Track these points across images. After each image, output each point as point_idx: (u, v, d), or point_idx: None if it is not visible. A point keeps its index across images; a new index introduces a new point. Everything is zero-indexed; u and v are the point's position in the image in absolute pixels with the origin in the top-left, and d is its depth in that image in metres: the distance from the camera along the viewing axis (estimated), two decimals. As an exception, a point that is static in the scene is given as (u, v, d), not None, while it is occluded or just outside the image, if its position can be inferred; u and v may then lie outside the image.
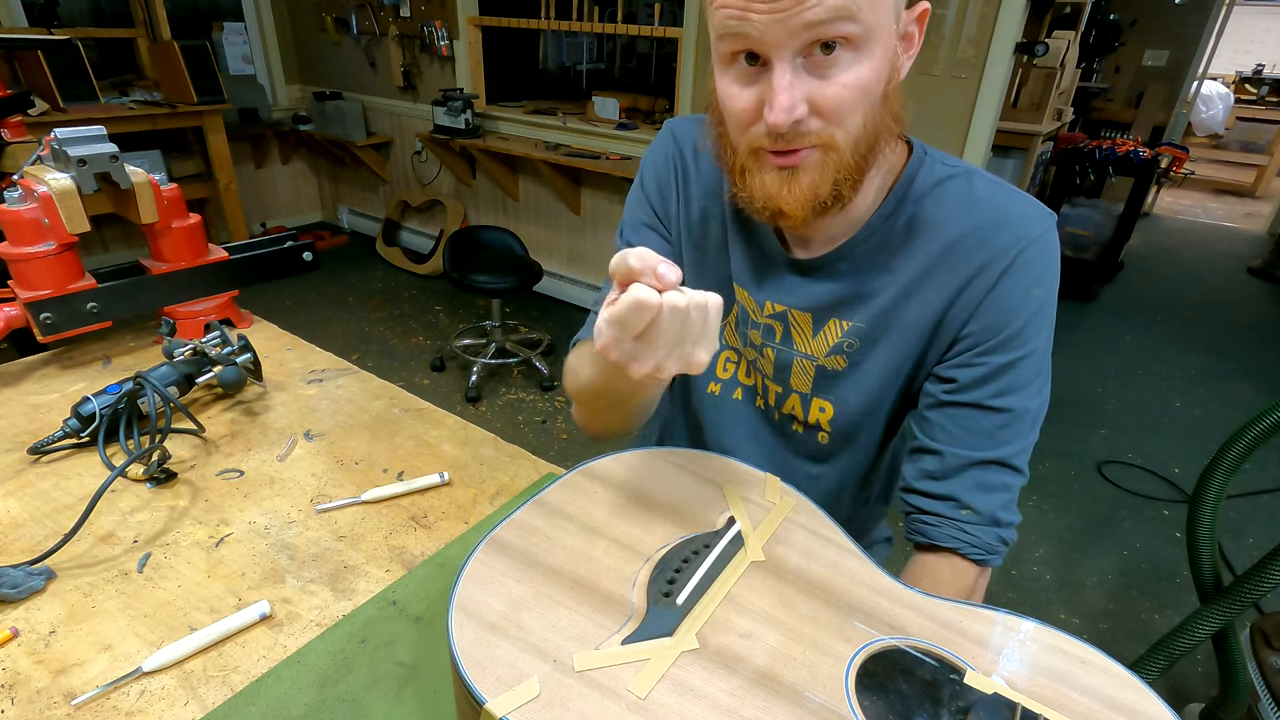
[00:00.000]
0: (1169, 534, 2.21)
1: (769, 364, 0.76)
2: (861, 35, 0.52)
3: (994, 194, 0.65)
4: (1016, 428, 0.66)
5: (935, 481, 0.68)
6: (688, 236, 0.78)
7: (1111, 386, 3.08)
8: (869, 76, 0.54)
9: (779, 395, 0.77)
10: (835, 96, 0.54)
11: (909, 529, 0.71)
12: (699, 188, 0.77)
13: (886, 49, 0.55)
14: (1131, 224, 3.89)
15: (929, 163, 0.67)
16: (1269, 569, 1.08)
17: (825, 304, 0.70)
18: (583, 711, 0.42)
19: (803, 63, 0.53)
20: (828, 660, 0.46)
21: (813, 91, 0.54)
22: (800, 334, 0.72)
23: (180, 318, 1.08)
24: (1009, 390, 0.65)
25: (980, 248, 0.64)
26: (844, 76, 0.54)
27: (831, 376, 0.73)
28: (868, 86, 0.55)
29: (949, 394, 0.67)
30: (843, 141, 0.57)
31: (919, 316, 0.67)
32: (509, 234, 3.07)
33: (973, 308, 0.65)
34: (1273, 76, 7.00)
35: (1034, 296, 0.64)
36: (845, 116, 0.56)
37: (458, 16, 3.36)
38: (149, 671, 0.56)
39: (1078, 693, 0.45)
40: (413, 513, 0.77)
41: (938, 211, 0.65)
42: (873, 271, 0.68)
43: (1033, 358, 0.65)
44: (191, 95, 3.21)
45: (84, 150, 0.94)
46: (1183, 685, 1.71)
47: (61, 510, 0.73)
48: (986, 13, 2.21)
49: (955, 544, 0.66)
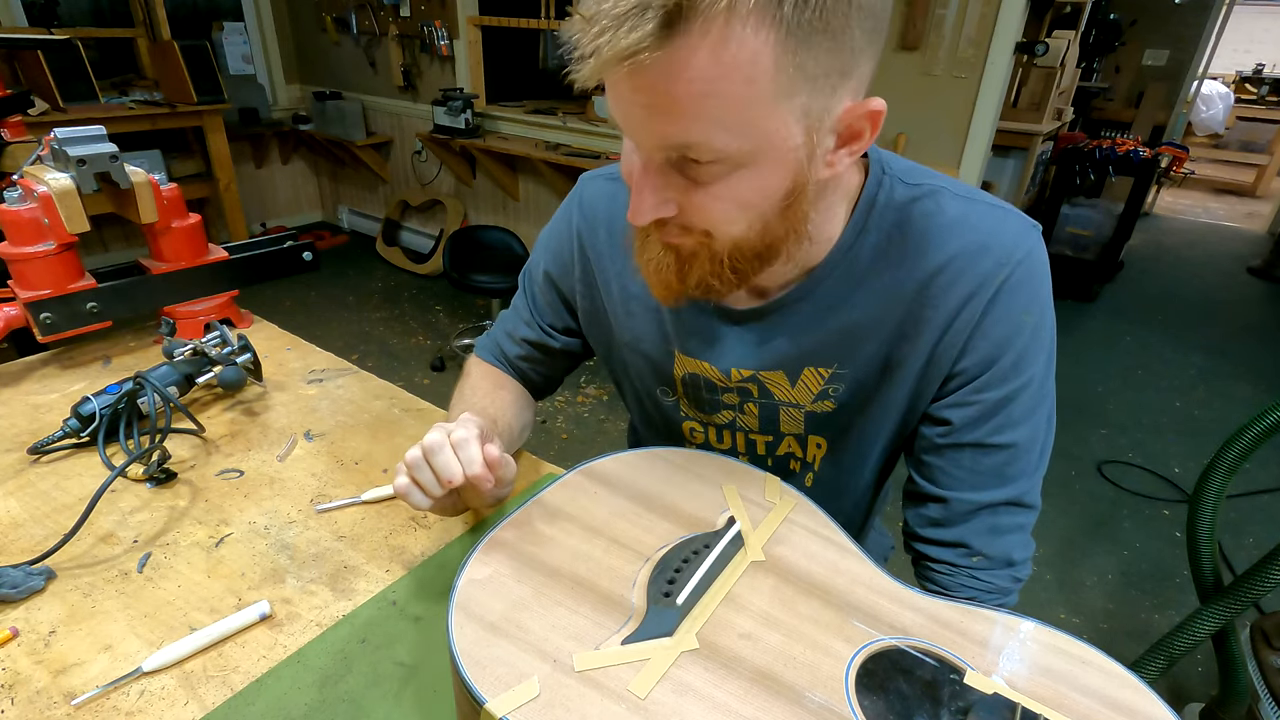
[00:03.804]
0: (1169, 534, 2.21)
1: (753, 419, 0.71)
2: (733, 158, 0.45)
3: (968, 214, 0.58)
4: (1024, 462, 0.62)
5: (942, 529, 0.64)
6: (610, 311, 0.74)
7: (1111, 386, 3.08)
8: (749, 193, 0.48)
9: (770, 444, 0.73)
10: (704, 206, 0.48)
11: (919, 576, 0.68)
12: (612, 257, 0.70)
13: (781, 164, 0.47)
14: (1131, 224, 3.88)
15: (889, 182, 0.59)
16: (1269, 569, 1.08)
17: (792, 355, 0.64)
18: (583, 712, 0.42)
19: (674, 159, 0.47)
20: (828, 660, 0.46)
21: (681, 196, 0.49)
22: (778, 387, 0.67)
23: (180, 318, 1.08)
24: (1010, 424, 0.60)
25: (961, 278, 0.57)
26: (717, 187, 0.47)
27: (822, 417, 0.68)
28: (747, 201, 0.48)
29: (945, 437, 0.63)
30: (721, 245, 0.51)
31: (905, 357, 0.61)
32: (509, 234, 3.07)
33: (960, 344, 0.59)
34: (1273, 76, 6.99)
35: (1025, 324, 0.58)
36: (719, 225, 0.50)
37: (458, 16, 3.36)
38: (149, 671, 0.56)
39: (1078, 693, 0.45)
40: (413, 513, 0.76)
41: (910, 241, 0.58)
42: (840, 311, 0.61)
43: (1031, 386, 0.60)
44: (191, 95, 3.21)
45: (84, 150, 0.94)
46: (1183, 685, 1.71)
47: (61, 510, 0.73)
48: (986, 13, 2.21)
49: (970, 593, 0.63)
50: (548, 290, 0.79)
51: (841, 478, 0.74)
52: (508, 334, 0.84)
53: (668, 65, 0.41)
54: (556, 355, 0.83)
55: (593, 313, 0.76)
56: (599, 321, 0.76)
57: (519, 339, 0.83)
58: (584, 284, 0.74)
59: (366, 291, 3.74)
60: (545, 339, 0.81)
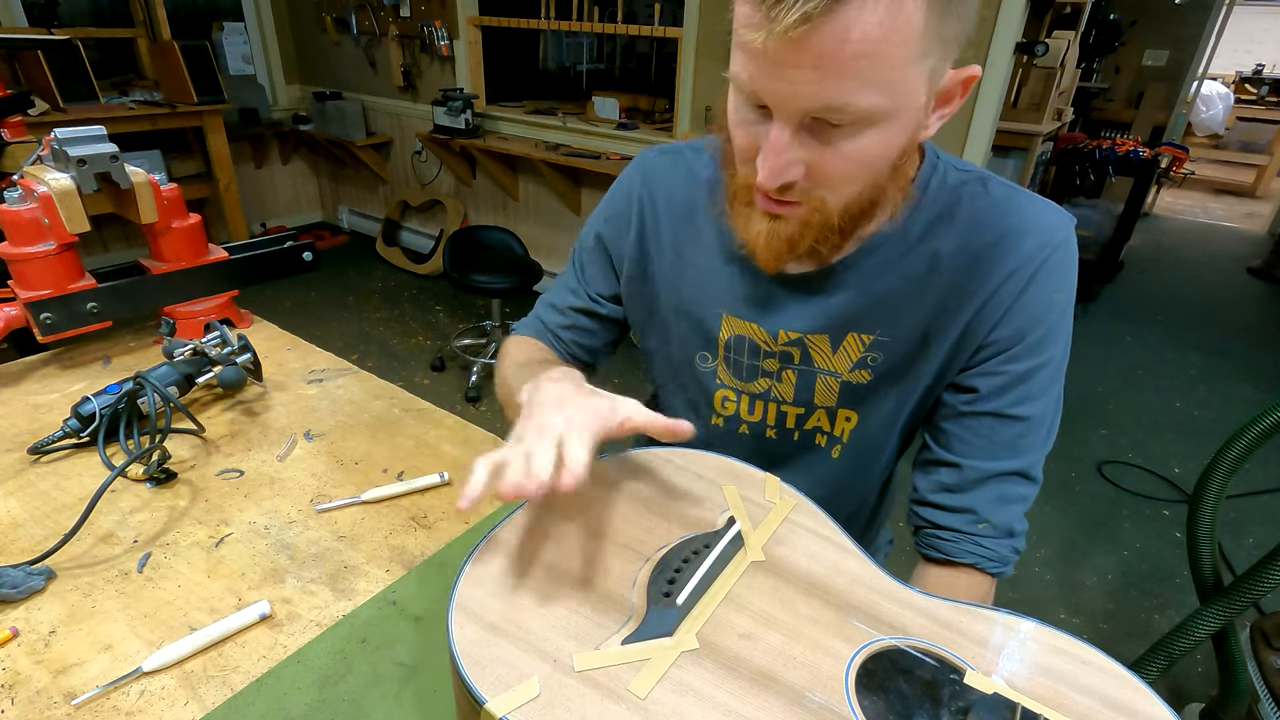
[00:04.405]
0: (1169, 534, 2.21)
1: (789, 387, 0.73)
2: (873, 116, 0.49)
3: (1012, 199, 0.63)
4: (1034, 437, 0.65)
5: (952, 494, 0.67)
6: (660, 274, 0.76)
7: (1111, 386, 3.08)
8: (877, 151, 0.51)
9: (800, 416, 0.75)
10: (833, 167, 0.52)
11: (921, 543, 0.69)
12: (671, 224, 0.74)
13: (906, 122, 0.51)
14: (1131, 224, 3.89)
15: (942, 168, 0.65)
16: (1269, 569, 1.08)
17: (839, 320, 0.67)
18: (583, 712, 0.42)
19: (806, 124, 0.50)
20: (828, 660, 0.46)
21: (811, 156, 0.51)
22: (820, 353, 0.70)
23: (180, 318, 1.08)
24: (1027, 398, 0.64)
25: (1007, 255, 0.62)
26: (848, 148, 0.51)
27: (856, 389, 0.70)
28: (872, 160, 0.52)
29: (969, 404, 0.66)
30: (833, 206, 0.55)
31: (944, 327, 0.65)
32: (509, 234, 3.07)
33: (999, 315, 0.63)
34: (1273, 76, 6.99)
35: (1056, 302, 0.63)
36: (842, 186, 0.54)
37: (458, 16, 3.36)
38: (149, 671, 0.56)
39: (1078, 693, 0.45)
40: (413, 513, 0.77)
41: (957, 219, 0.63)
42: (886, 280, 0.65)
43: (1051, 365, 0.64)
44: (191, 95, 3.21)
45: (84, 150, 0.94)
46: (1183, 685, 1.71)
47: (61, 510, 0.73)
48: (986, 13, 2.21)
49: (973, 559, 0.65)
50: (598, 254, 0.80)
51: (867, 450, 0.76)
52: (551, 305, 0.84)
53: (838, 28, 0.43)
54: (603, 323, 0.83)
55: (639, 277, 0.78)
56: (644, 287, 0.78)
57: (564, 307, 0.83)
58: (637, 247, 0.76)
59: (366, 291, 3.74)
60: (593, 305, 0.82)
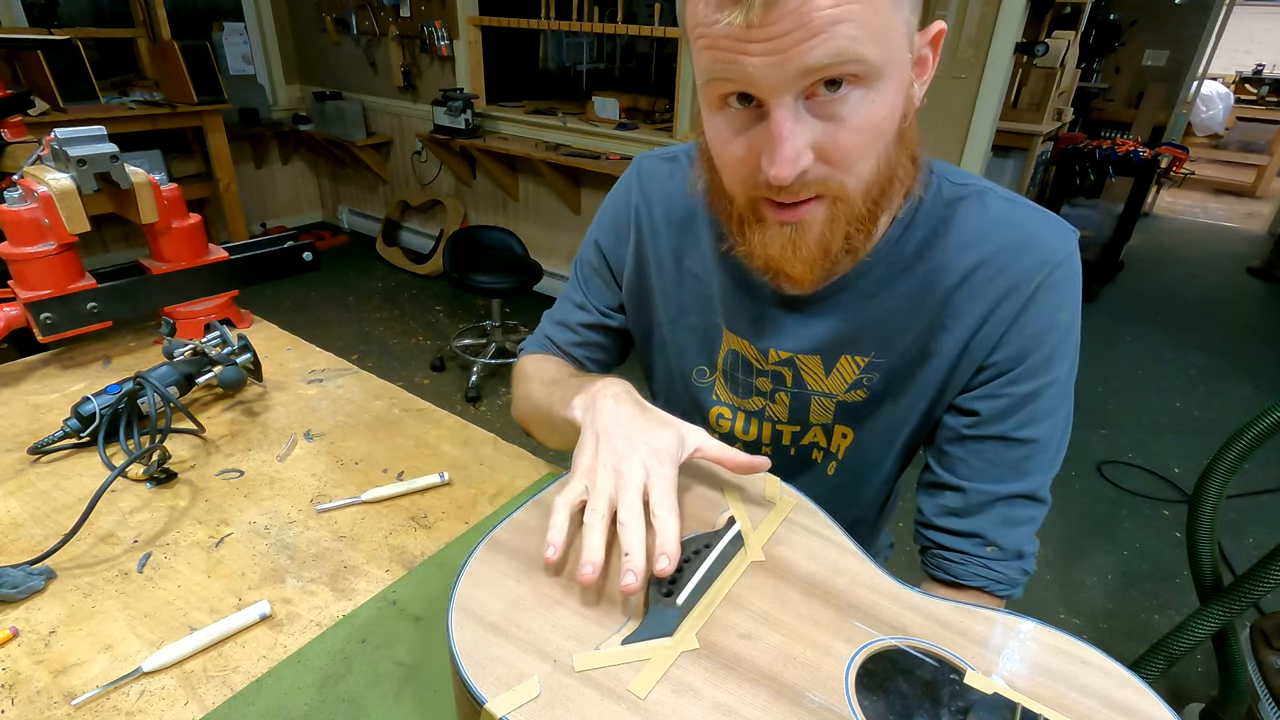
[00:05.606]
0: (1169, 534, 2.21)
1: (783, 409, 0.72)
2: (872, 70, 0.46)
3: (1013, 214, 0.61)
4: (1041, 458, 0.63)
5: (958, 518, 0.65)
6: (659, 285, 0.74)
7: (1111, 386, 3.08)
8: (882, 115, 0.48)
9: (796, 434, 0.74)
10: (845, 142, 0.48)
11: (928, 564, 0.68)
12: (669, 233, 0.72)
13: (901, 81, 0.48)
14: (1131, 224, 3.89)
15: (936, 181, 0.62)
16: (1269, 569, 1.08)
17: (832, 342, 0.66)
18: (583, 712, 0.42)
19: (805, 104, 0.47)
20: (828, 660, 0.46)
21: (819, 137, 0.48)
22: (812, 375, 0.68)
23: (180, 318, 1.08)
24: (1033, 420, 0.62)
25: (1004, 273, 0.59)
26: (854, 118, 0.47)
27: (853, 407, 0.69)
28: (881, 127, 0.49)
29: (971, 428, 0.64)
30: (854, 190, 0.51)
31: (941, 347, 0.63)
32: (509, 234, 3.07)
33: (998, 336, 0.61)
34: (1273, 76, 6.99)
35: (1059, 322, 0.60)
36: (856, 163, 0.50)
37: (458, 16, 3.36)
38: (149, 671, 0.56)
39: (1078, 693, 0.45)
40: (413, 513, 0.77)
41: (953, 236, 0.61)
42: (880, 300, 0.63)
43: (1057, 385, 0.62)
44: (191, 95, 3.21)
45: (84, 150, 0.94)
46: (1183, 685, 1.71)
47: (61, 510, 0.73)
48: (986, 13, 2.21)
49: (981, 581, 0.64)
50: (601, 267, 0.78)
51: (864, 467, 0.75)
52: (558, 323, 0.82)
53: None
54: (615, 335, 0.81)
55: (638, 289, 0.76)
56: (642, 298, 0.77)
57: (574, 325, 0.80)
58: (635, 257, 0.75)
59: (366, 291, 3.74)
60: (603, 319, 0.80)
